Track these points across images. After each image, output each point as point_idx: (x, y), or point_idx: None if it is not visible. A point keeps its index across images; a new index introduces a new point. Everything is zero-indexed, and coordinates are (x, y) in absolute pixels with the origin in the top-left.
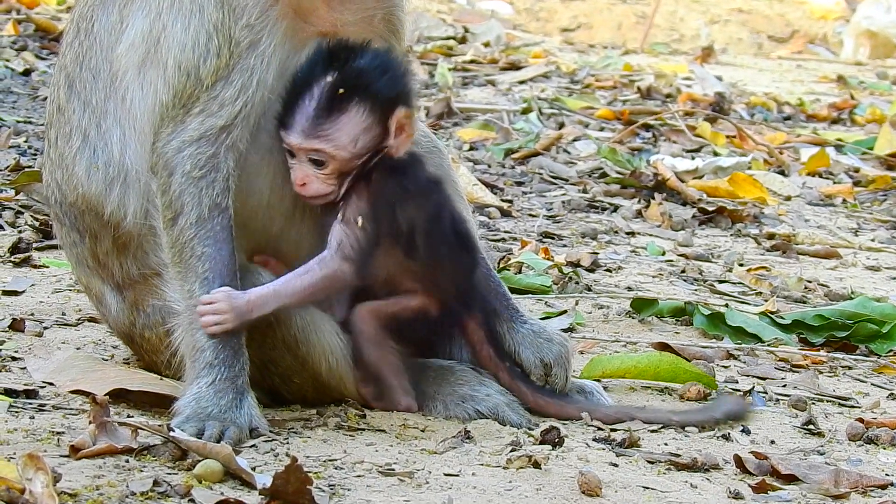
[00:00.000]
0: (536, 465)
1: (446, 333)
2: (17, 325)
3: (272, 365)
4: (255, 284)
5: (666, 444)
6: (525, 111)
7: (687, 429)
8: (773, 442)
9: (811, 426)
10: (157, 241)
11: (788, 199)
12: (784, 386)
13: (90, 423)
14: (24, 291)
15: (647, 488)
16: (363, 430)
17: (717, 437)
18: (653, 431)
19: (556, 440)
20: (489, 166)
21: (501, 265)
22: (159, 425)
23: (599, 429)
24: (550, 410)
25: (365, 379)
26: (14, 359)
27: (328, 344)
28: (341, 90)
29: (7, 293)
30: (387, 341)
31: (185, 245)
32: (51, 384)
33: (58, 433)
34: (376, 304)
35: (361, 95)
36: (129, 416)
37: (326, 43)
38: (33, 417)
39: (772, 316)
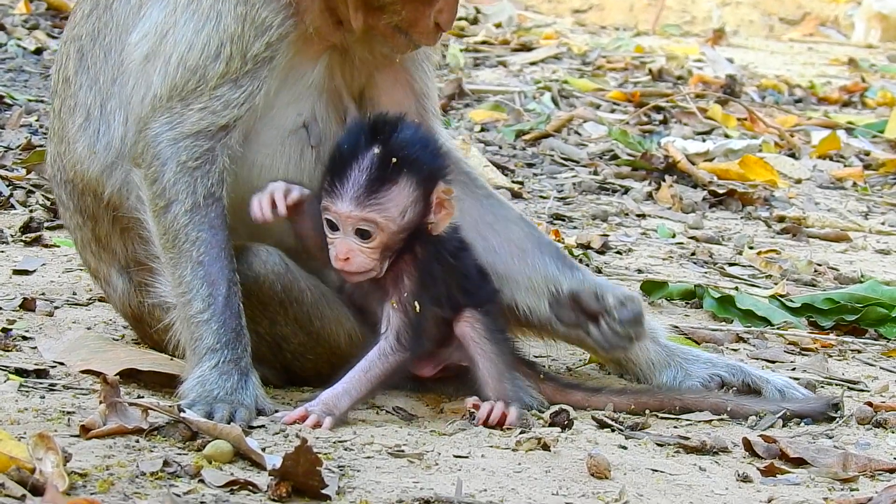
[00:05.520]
0: (545, 447)
1: None
2: (27, 305)
3: (284, 342)
4: (251, 263)
5: (675, 427)
6: (544, 89)
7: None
8: (782, 425)
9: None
10: (143, 233)
11: (799, 181)
12: (793, 369)
13: (101, 403)
14: (34, 271)
15: (656, 471)
16: (372, 410)
17: (726, 420)
18: (663, 418)
19: (566, 422)
20: (500, 147)
21: None
22: (170, 406)
23: (613, 410)
24: (557, 397)
25: (494, 386)
26: (25, 338)
27: (343, 316)
28: (394, 160)
29: (18, 272)
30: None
31: (178, 231)
32: (61, 364)
33: (68, 413)
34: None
35: (410, 167)
36: (139, 397)
37: (368, 116)
38: (44, 397)
39: (781, 299)
